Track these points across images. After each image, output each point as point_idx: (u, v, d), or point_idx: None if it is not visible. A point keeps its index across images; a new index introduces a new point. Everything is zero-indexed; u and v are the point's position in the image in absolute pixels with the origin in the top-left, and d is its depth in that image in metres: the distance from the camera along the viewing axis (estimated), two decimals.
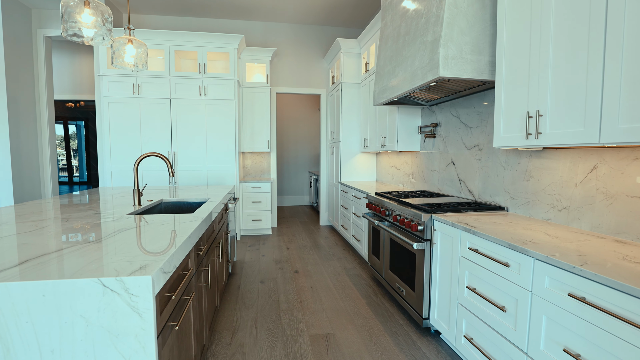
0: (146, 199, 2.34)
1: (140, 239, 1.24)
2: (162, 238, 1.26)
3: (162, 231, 1.37)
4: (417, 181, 3.34)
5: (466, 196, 2.55)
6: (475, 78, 1.96)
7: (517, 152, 2.05)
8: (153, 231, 1.37)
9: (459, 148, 2.64)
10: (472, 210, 2.11)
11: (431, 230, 2.02)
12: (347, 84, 4.39)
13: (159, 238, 1.26)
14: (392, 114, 3.32)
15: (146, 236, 1.28)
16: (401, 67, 2.45)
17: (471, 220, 1.84)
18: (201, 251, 1.59)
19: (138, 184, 2.03)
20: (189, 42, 4.03)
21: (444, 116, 2.84)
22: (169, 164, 2.10)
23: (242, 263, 3.46)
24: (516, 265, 1.37)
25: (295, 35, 5.08)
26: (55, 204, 2.13)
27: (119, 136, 4.01)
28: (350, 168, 4.47)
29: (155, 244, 1.18)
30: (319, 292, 2.75)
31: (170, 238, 1.26)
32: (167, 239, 1.25)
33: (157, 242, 1.20)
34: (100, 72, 3.92)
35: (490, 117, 2.28)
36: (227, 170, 4.25)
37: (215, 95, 4.16)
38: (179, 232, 1.36)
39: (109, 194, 2.65)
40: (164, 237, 1.27)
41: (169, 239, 1.24)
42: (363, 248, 3.44)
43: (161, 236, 1.29)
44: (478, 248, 1.62)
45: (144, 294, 0.88)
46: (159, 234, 1.33)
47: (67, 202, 2.22)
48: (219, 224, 2.33)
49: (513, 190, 2.08)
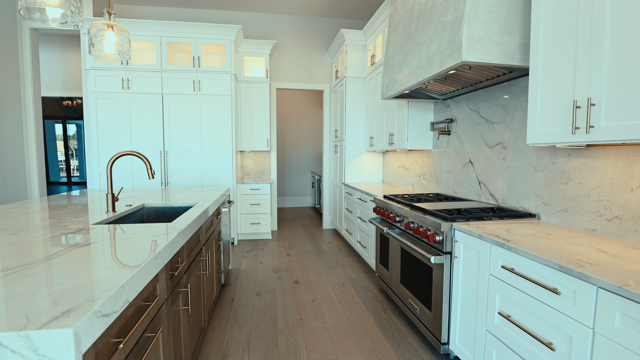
0: (125, 204, 2.07)
1: (91, 262, 0.96)
2: (120, 259, 0.98)
3: (124, 249, 1.10)
4: (428, 183, 3.05)
5: (487, 200, 2.26)
6: (505, 64, 1.67)
7: (552, 151, 1.75)
8: (118, 247, 1.09)
9: (478, 146, 2.35)
10: (498, 217, 1.81)
11: (452, 241, 1.73)
12: (352, 79, 4.10)
13: (115, 259, 0.98)
14: (401, 109, 3.02)
15: (101, 257, 1.01)
16: (414, 54, 2.16)
17: (500, 230, 1.55)
18: (177, 270, 1.31)
19: (112, 187, 1.76)
20: (182, 33, 3.76)
21: (461, 111, 2.54)
22: (148, 164, 1.83)
23: (237, 272, 3.18)
24: (569, 293, 1.08)
25: (297, 28, 4.80)
26: (21, 209, 1.86)
27: (108, 134, 3.75)
28: (355, 168, 4.19)
29: (107, 268, 0.90)
30: (321, 306, 2.47)
31: (130, 259, 0.99)
32: (125, 260, 0.98)
33: (111, 266, 0.92)
34: (87, 65, 3.67)
35: (518, 111, 1.99)
36: (224, 171, 3.98)
37: (210, 90, 3.89)
38: (144, 250, 1.09)
39: (90, 197, 2.38)
40: (122, 258, 0.99)
41: (128, 260, 0.97)
42: (369, 256, 3.16)
43: (120, 256, 1.01)
44: (514, 267, 1.33)
45: (60, 356, 0.60)
46: (119, 252, 1.05)
47: (38, 207, 1.95)
48: (207, 232, 2.06)
49: (546, 195, 1.79)
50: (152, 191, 2.81)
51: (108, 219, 1.65)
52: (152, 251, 1.07)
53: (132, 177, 3.81)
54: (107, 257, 1.00)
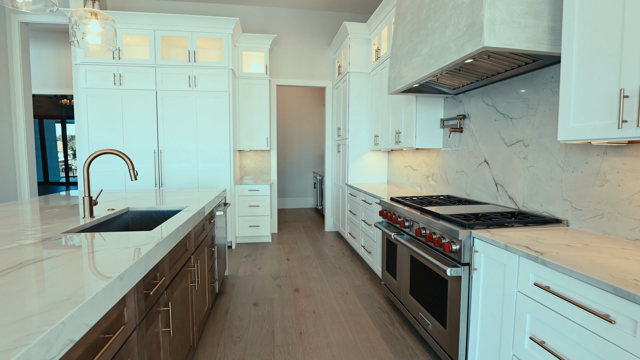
0: (107, 208, 1.89)
1: (32, 287, 0.77)
2: (73, 283, 0.79)
3: (85, 267, 0.91)
4: (438, 184, 2.85)
5: (505, 204, 2.06)
6: (531, 50, 1.47)
7: (584, 148, 1.55)
8: (74, 265, 0.91)
9: (495, 144, 2.15)
10: (521, 223, 1.61)
11: (471, 251, 1.53)
12: (356, 74, 3.91)
13: (66, 283, 0.79)
14: (409, 105, 2.83)
15: (50, 279, 0.82)
16: (425, 42, 1.96)
17: (528, 240, 1.35)
18: (155, 287, 1.12)
19: (89, 189, 1.57)
20: (176, 26, 3.58)
21: (475, 106, 2.34)
22: (130, 164, 1.64)
23: (234, 278, 3.00)
24: (628, 322, 0.88)
25: (297, 22, 4.60)
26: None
27: (99, 133, 3.58)
28: (359, 168, 3.99)
29: (50, 296, 0.71)
30: (323, 318, 2.27)
31: (87, 281, 0.80)
32: (79, 282, 0.79)
33: (56, 293, 0.73)
34: (77, 60, 3.49)
35: (542, 104, 1.79)
36: (221, 171, 3.80)
37: (207, 86, 3.71)
38: (109, 267, 0.90)
39: (73, 200, 2.20)
40: (75, 281, 0.80)
41: (83, 283, 0.78)
42: (375, 262, 2.96)
43: (75, 278, 0.82)
44: (550, 285, 1.13)
45: None
46: (76, 272, 0.86)
47: (11, 210, 1.76)
48: (197, 238, 1.87)
49: (576, 199, 1.59)
50: (142, 193, 2.63)
51: (82, 226, 1.46)
52: (116, 270, 0.88)
53: (124, 177, 3.63)
54: (58, 280, 0.81)
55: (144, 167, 3.65)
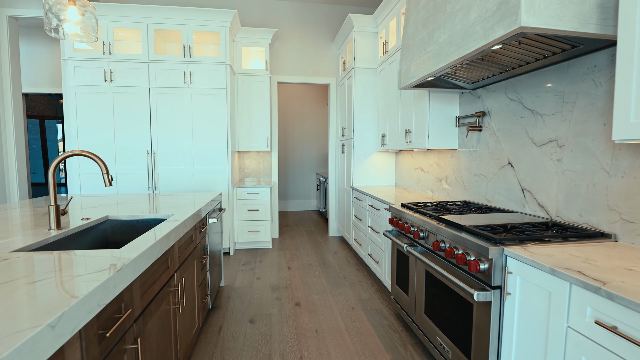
0: (82, 217, 1.67)
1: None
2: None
3: (15, 305, 0.68)
4: (452, 188, 2.60)
5: (534, 212, 1.81)
6: (577, 31, 1.22)
7: (636, 150, 1.30)
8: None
9: (521, 144, 1.90)
10: (561, 238, 1.37)
11: (502, 271, 1.29)
12: (361, 70, 3.67)
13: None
14: (421, 102, 2.58)
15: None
16: (444, 28, 1.72)
17: (576, 260, 1.10)
18: (117, 323, 0.89)
19: (55, 197, 1.35)
20: (171, 19, 3.36)
21: (496, 101, 2.10)
22: (103, 167, 1.42)
23: (230, 290, 2.77)
24: None
25: (299, 15, 4.37)
26: None
27: (89, 132, 3.37)
28: (365, 170, 3.75)
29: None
30: (327, 339, 2.04)
31: (10, 328, 0.57)
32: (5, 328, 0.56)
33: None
34: (66, 55, 3.28)
35: (581, 98, 1.54)
36: (218, 173, 3.57)
37: (203, 83, 3.49)
38: (47, 305, 0.67)
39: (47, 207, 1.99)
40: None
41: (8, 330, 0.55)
42: (383, 273, 2.72)
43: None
44: (618, 325, 0.88)
45: None
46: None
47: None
48: (184, 251, 1.64)
49: (627, 209, 1.34)
50: (130, 197, 2.41)
51: (42, 242, 1.24)
52: (50, 313, 0.65)
53: (115, 180, 3.42)
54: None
55: (136, 169, 3.44)
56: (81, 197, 2.49)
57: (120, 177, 3.42)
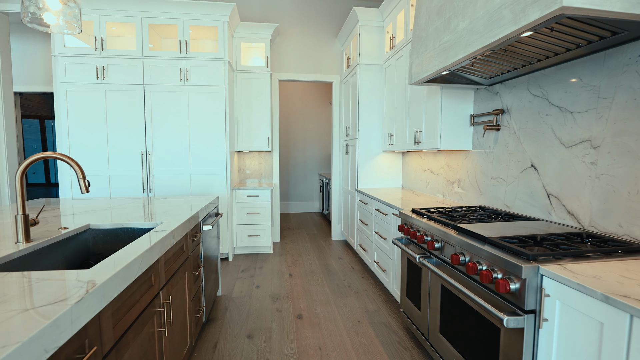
0: (61, 225, 1.50)
1: None
2: None
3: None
4: (466, 192, 2.42)
5: (562, 220, 1.62)
6: (627, 12, 1.04)
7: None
8: None
9: (546, 145, 1.72)
10: (601, 252, 1.18)
11: (538, 293, 1.11)
12: (366, 66, 3.49)
13: None
14: (432, 99, 2.40)
15: None
16: (463, 15, 1.54)
17: (630, 283, 0.92)
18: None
19: (24, 206, 1.18)
20: (166, 12, 3.20)
21: (517, 98, 1.91)
22: (79, 171, 1.25)
23: (227, 300, 2.60)
24: None
25: (302, 10, 4.20)
26: None
27: (80, 132, 3.21)
28: (370, 171, 3.57)
29: None
30: (331, 358, 1.86)
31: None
32: None
33: None
34: (56, 51, 3.12)
35: (620, 93, 1.35)
36: (216, 175, 3.41)
37: (200, 80, 3.32)
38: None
39: (36, 212, 1.82)
40: None
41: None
42: (391, 282, 2.54)
43: None
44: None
45: None
46: None
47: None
48: (172, 265, 1.47)
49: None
50: (121, 202, 2.25)
51: (6, 258, 1.07)
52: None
53: (108, 182, 3.26)
54: None
55: (130, 170, 3.28)
56: (72, 201, 2.33)
57: (113, 180, 3.26)
